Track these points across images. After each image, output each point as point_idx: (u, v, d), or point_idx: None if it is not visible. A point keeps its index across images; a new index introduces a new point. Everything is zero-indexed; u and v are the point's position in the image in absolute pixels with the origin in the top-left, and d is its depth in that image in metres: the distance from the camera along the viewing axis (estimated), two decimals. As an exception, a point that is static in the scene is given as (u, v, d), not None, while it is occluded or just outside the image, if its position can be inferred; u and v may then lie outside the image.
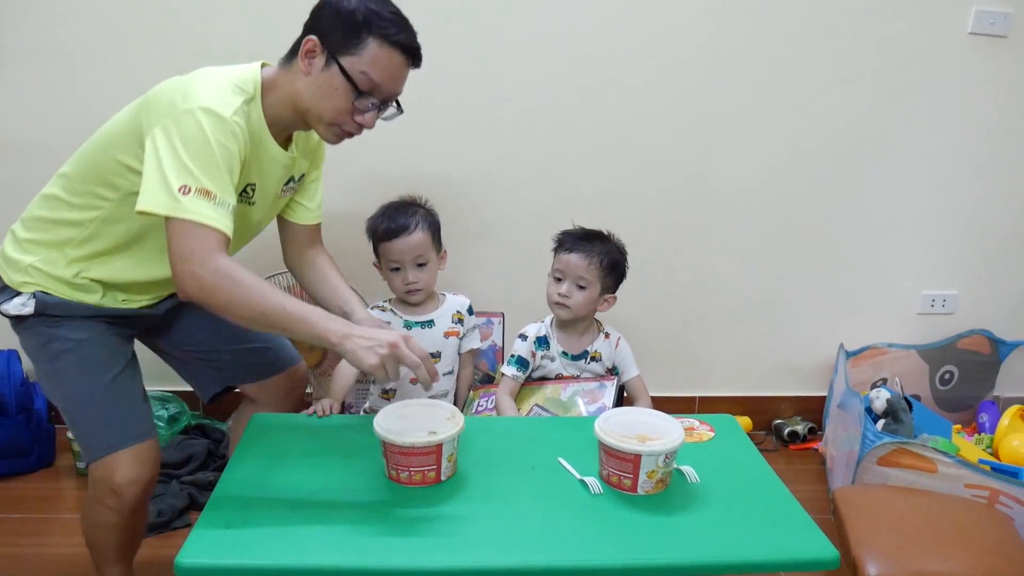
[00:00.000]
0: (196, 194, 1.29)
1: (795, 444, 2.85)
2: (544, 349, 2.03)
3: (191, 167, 1.30)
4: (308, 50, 1.45)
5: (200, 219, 1.29)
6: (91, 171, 1.51)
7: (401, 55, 1.47)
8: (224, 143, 1.34)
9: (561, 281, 1.97)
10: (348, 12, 1.42)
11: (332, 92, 1.45)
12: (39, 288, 1.52)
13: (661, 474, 1.34)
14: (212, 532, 1.20)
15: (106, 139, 1.51)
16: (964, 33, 2.58)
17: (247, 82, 1.46)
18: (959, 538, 1.71)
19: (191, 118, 1.33)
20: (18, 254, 1.55)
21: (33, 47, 2.38)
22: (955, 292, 2.90)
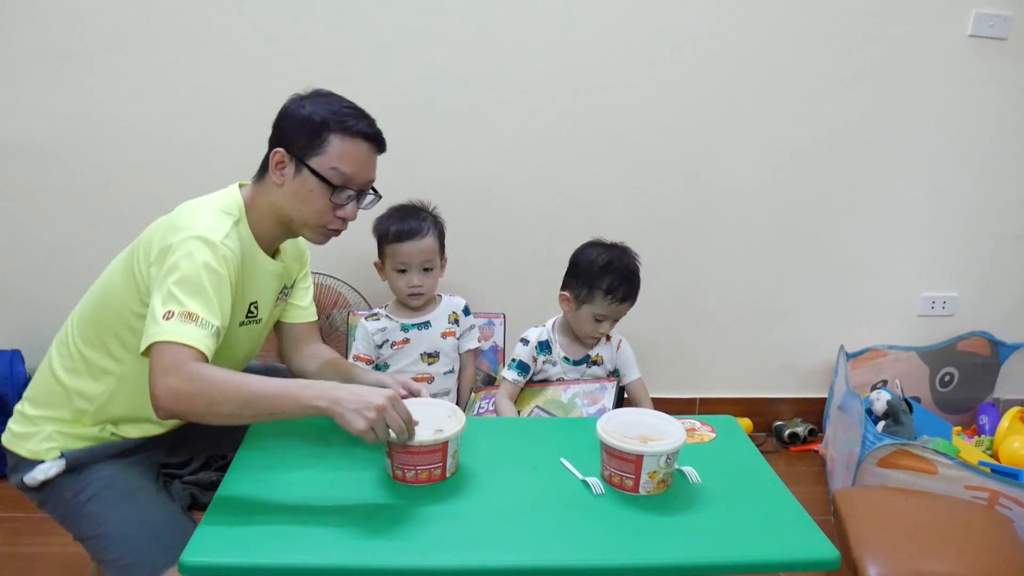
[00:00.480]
0: (179, 317, 1.28)
1: (795, 446, 2.86)
2: (546, 354, 2.03)
3: (176, 293, 1.30)
4: (277, 162, 1.48)
5: (178, 339, 1.27)
6: (97, 331, 1.48)
7: (364, 143, 1.50)
8: (213, 267, 1.34)
9: (603, 322, 1.97)
10: (306, 117, 1.46)
11: (309, 195, 1.48)
12: (63, 448, 1.48)
13: (663, 475, 1.34)
14: (216, 531, 1.21)
15: (104, 294, 1.50)
16: (964, 35, 2.59)
17: (231, 206, 1.48)
18: (959, 539, 1.71)
19: (182, 248, 1.34)
20: (32, 427, 1.50)
21: (36, 49, 2.39)
22: (955, 294, 2.91)
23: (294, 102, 1.51)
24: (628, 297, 1.94)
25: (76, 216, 2.54)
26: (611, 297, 1.93)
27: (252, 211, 1.51)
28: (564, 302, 2.00)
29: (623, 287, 1.93)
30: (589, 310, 1.95)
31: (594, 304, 1.94)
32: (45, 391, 1.52)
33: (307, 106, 1.48)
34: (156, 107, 2.47)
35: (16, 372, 2.46)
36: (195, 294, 1.31)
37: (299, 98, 1.51)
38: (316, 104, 1.48)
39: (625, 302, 1.94)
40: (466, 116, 2.55)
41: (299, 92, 1.53)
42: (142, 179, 2.53)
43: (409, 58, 2.48)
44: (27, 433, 1.50)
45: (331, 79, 2.44)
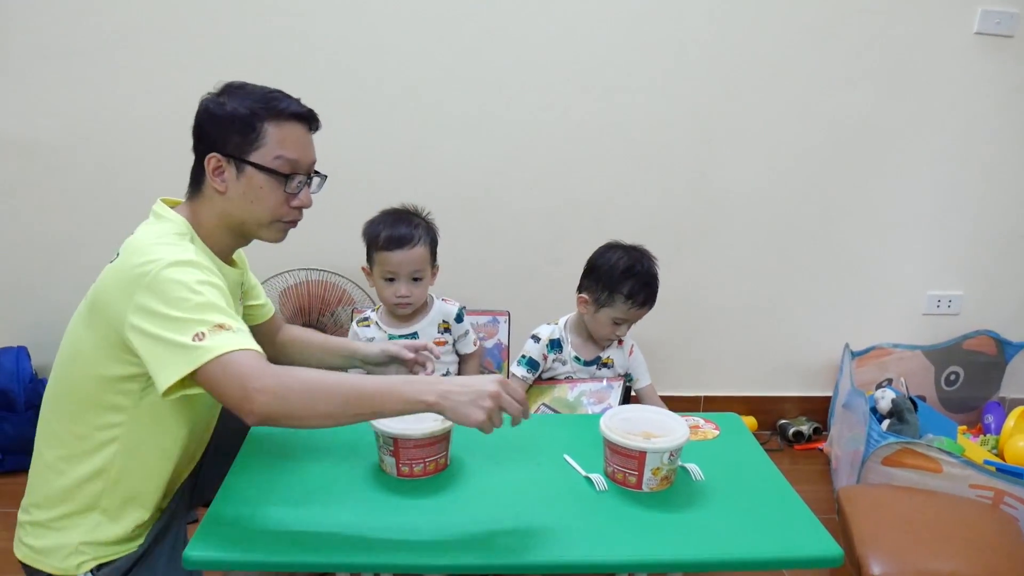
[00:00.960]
0: (212, 332, 1.18)
1: (800, 444, 2.85)
2: (556, 352, 2.02)
3: (190, 317, 1.19)
4: (214, 168, 1.37)
5: (231, 348, 1.17)
6: (79, 407, 1.33)
7: (299, 123, 1.41)
8: (206, 280, 1.25)
9: (621, 325, 1.96)
10: (232, 113, 1.36)
11: (259, 192, 1.38)
12: (97, 561, 1.34)
13: (666, 471, 1.34)
14: (220, 526, 1.21)
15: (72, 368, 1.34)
16: (970, 33, 2.59)
17: (178, 224, 1.37)
18: (963, 538, 1.71)
19: (162, 279, 1.21)
20: (55, 538, 1.34)
21: (40, 47, 2.40)
22: (961, 293, 2.90)
23: (211, 102, 1.40)
24: (648, 302, 1.94)
25: (82, 213, 2.55)
26: (631, 302, 1.92)
27: (199, 227, 1.40)
28: (582, 304, 1.98)
29: (643, 292, 1.92)
30: (608, 313, 1.94)
31: (614, 308, 1.93)
32: (49, 490, 1.35)
33: (227, 102, 1.38)
34: (162, 104, 2.47)
35: (22, 368, 2.47)
36: (209, 309, 1.21)
37: (214, 97, 1.41)
38: (236, 98, 1.38)
39: (645, 306, 1.94)
40: (471, 115, 2.55)
41: (209, 92, 1.43)
42: (148, 176, 2.53)
43: (414, 58, 2.49)
44: (52, 548, 1.33)
45: (335, 78, 2.47)
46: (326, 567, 1.19)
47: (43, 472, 1.36)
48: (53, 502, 1.35)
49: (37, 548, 1.34)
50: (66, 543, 1.33)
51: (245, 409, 1.16)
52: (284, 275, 2.51)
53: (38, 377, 2.54)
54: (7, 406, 2.43)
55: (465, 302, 2.53)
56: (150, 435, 1.35)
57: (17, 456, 2.44)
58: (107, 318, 1.26)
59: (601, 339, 2.00)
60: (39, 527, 1.35)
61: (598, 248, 2.02)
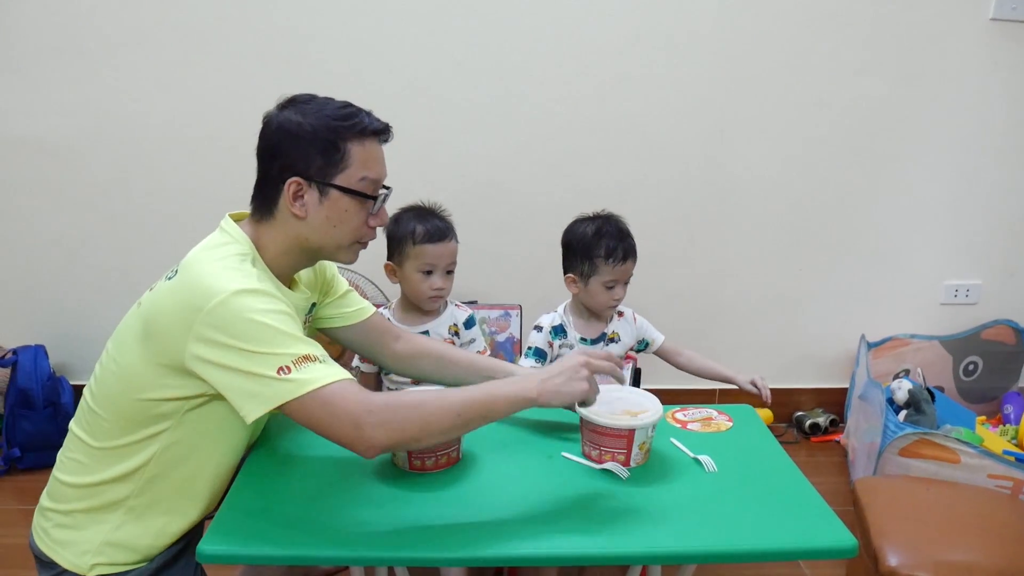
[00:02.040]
0: (298, 364, 1.15)
1: (817, 436, 2.83)
2: (561, 338, 2.02)
3: (269, 351, 1.15)
4: (295, 193, 1.29)
5: (327, 380, 1.15)
6: (121, 417, 1.29)
7: (376, 140, 1.35)
8: (277, 309, 1.20)
9: (614, 288, 1.95)
10: (312, 134, 1.28)
11: (344, 216, 1.32)
12: (116, 569, 1.31)
13: (648, 444, 1.41)
14: (233, 521, 1.22)
15: (122, 384, 1.29)
16: (986, 19, 2.55)
17: (242, 244, 1.31)
18: (982, 528, 1.69)
19: (230, 310, 1.16)
20: (75, 533, 1.32)
21: (54, 47, 2.42)
22: (978, 282, 2.87)
23: (286, 120, 1.30)
24: (628, 255, 1.94)
25: (96, 212, 2.57)
26: (612, 259, 1.92)
27: (263, 250, 1.34)
28: (571, 284, 2.01)
29: (620, 246, 1.93)
30: (597, 281, 1.95)
31: (600, 273, 1.94)
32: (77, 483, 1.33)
33: (303, 120, 1.29)
34: (174, 103, 2.49)
35: (40, 367, 2.49)
36: (288, 340, 1.17)
37: (282, 113, 1.32)
38: (311, 115, 1.29)
39: (627, 260, 1.93)
40: (481, 108, 2.55)
41: (271, 110, 1.34)
42: (161, 175, 2.56)
43: (423, 51, 2.49)
44: (68, 541, 1.32)
45: (344, 73, 2.47)
46: (339, 560, 1.20)
47: (72, 466, 1.34)
48: (80, 496, 1.32)
49: (55, 538, 1.33)
50: (86, 540, 1.31)
51: (361, 446, 1.16)
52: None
53: (56, 375, 2.57)
54: (26, 404, 2.45)
55: (477, 297, 2.54)
56: (188, 445, 1.31)
57: (36, 453, 2.46)
58: (164, 344, 1.22)
59: (602, 309, 2.00)
60: (62, 516, 1.33)
61: (565, 228, 2.04)
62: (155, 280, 1.31)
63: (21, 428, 2.45)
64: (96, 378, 1.33)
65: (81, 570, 1.31)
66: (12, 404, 2.46)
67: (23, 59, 2.42)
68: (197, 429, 1.30)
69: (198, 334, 1.17)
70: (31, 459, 2.46)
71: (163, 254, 2.59)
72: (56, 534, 1.33)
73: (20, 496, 2.36)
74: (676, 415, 1.62)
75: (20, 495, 2.36)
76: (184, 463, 1.32)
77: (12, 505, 2.32)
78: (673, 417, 1.61)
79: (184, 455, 1.31)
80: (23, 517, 2.26)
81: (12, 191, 2.55)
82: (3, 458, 2.47)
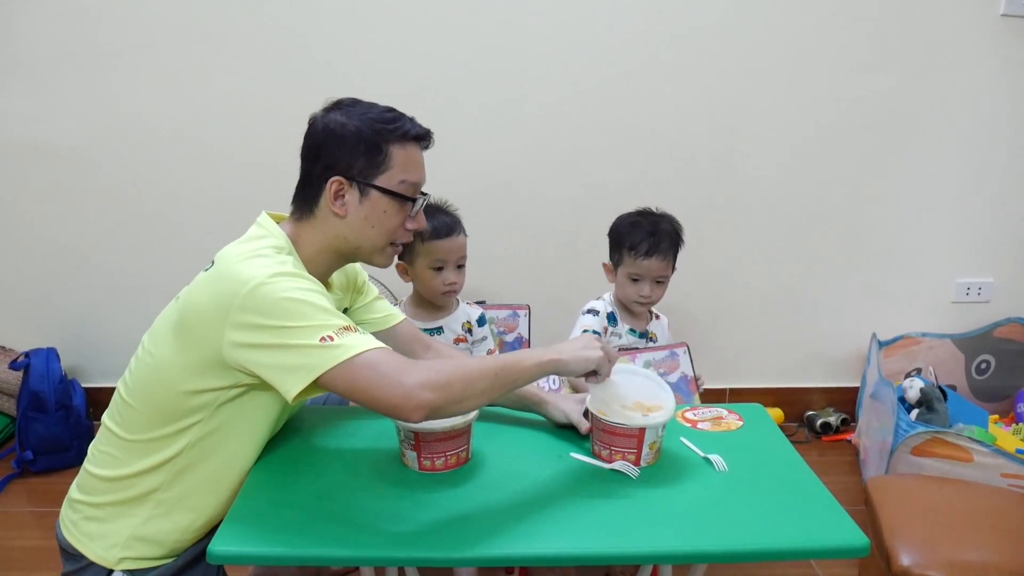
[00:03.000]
0: (340, 334, 1.17)
1: (828, 435, 2.82)
2: (613, 325, 2.04)
3: (310, 324, 1.17)
4: (336, 192, 1.33)
5: (369, 346, 1.17)
6: (154, 411, 1.31)
7: (417, 145, 1.39)
8: (312, 288, 1.22)
9: (639, 282, 1.96)
10: (355, 135, 1.32)
11: (382, 217, 1.35)
12: (142, 564, 1.33)
13: (659, 443, 1.39)
14: (243, 521, 1.22)
15: (156, 376, 1.30)
16: (997, 15, 2.54)
17: (277, 238, 1.34)
18: (995, 528, 1.68)
19: (263, 295, 1.18)
20: (104, 526, 1.34)
21: (65, 52, 2.43)
22: (991, 280, 2.85)
23: (331, 122, 1.33)
24: (653, 252, 1.93)
25: (107, 216, 2.59)
26: (635, 252, 1.94)
27: (301, 249, 1.36)
28: (607, 272, 2.05)
29: (647, 240, 1.93)
30: (623, 272, 1.98)
31: (625, 264, 1.97)
32: (106, 476, 1.34)
33: (347, 121, 1.32)
34: (184, 106, 2.50)
35: (52, 369, 2.51)
36: (327, 313, 1.19)
37: (328, 115, 1.35)
38: (356, 117, 1.33)
39: (652, 256, 1.92)
40: (490, 108, 2.55)
41: (317, 112, 1.37)
42: (171, 178, 2.57)
43: (431, 53, 2.49)
44: (96, 533, 1.33)
45: (354, 74, 2.48)
46: (349, 561, 1.20)
47: (103, 459, 1.35)
48: (110, 489, 1.34)
49: (84, 530, 1.34)
50: (114, 533, 1.33)
51: (410, 406, 1.15)
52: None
53: (67, 378, 2.58)
54: (38, 407, 2.46)
55: (485, 296, 2.54)
56: (219, 438, 1.32)
57: (48, 456, 2.48)
58: (201, 334, 1.23)
59: (630, 303, 2.00)
60: (91, 508, 1.35)
61: None
62: (165, 284, 1.31)
63: (33, 431, 2.46)
64: (131, 371, 1.36)
65: (108, 563, 1.33)
66: (24, 407, 2.47)
67: (34, 63, 2.44)
68: (229, 422, 1.31)
69: (235, 321, 1.19)
70: (43, 462, 2.47)
71: (174, 258, 2.62)
72: (85, 527, 1.35)
73: (33, 498, 2.37)
74: (686, 414, 1.61)
75: (33, 497, 2.38)
76: (214, 456, 1.33)
77: (25, 507, 2.33)
78: (683, 416, 1.60)
79: (214, 448, 1.33)
80: (36, 519, 2.27)
81: (24, 195, 2.57)
82: (16, 461, 2.48)
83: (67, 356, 2.64)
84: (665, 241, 1.95)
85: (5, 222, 2.60)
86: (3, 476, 2.45)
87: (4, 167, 2.54)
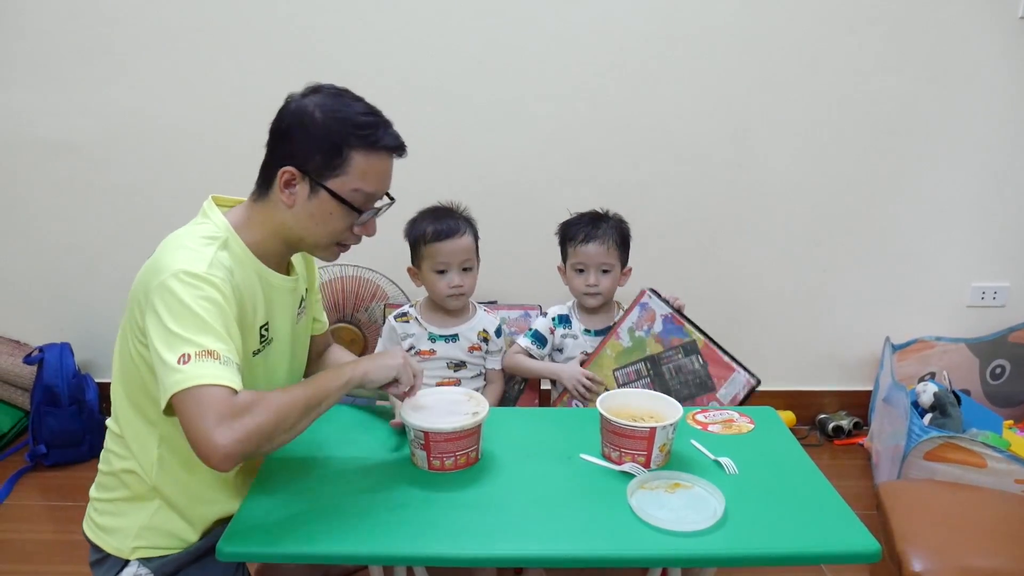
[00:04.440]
0: (197, 358, 1.14)
1: (840, 439, 2.81)
2: (565, 327, 2.05)
3: (183, 335, 1.15)
4: (286, 182, 1.30)
5: (208, 380, 1.12)
6: (127, 405, 1.35)
7: (388, 156, 1.34)
8: (208, 297, 1.20)
9: (584, 272, 1.99)
10: (320, 131, 1.28)
11: (328, 218, 1.32)
12: (156, 552, 1.35)
13: (668, 446, 1.40)
14: (253, 520, 1.23)
15: (119, 366, 1.35)
16: (1015, 18, 2.51)
17: (217, 227, 1.33)
18: (1008, 534, 1.66)
19: (167, 288, 1.19)
20: (118, 519, 1.37)
21: (80, 50, 2.45)
22: (1007, 284, 2.82)
23: (300, 108, 1.30)
24: (591, 237, 1.96)
25: (121, 212, 2.60)
26: (574, 241, 1.98)
27: (249, 229, 1.35)
28: (561, 273, 2.07)
29: (585, 228, 1.97)
30: (569, 265, 2.01)
31: (569, 255, 2.00)
32: (112, 470, 1.38)
33: (318, 114, 1.29)
34: (198, 104, 2.51)
35: (66, 364, 2.53)
36: (202, 330, 1.17)
37: (302, 100, 1.32)
38: (328, 112, 1.29)
39: (590, 242, 1.96)
40: (503, 109, 2.55)
41: (296, 92, 1.34)
42: (185, 175, 2.58)
43: (444, 52, 2.49)
44: (112, 527, 1.37)
45: (367, 73, 2.48)
46: (358, 560, 1.20)
47: (106, 455, 1.40)
48: (115, 484, 1.38)
49: (100, 524, 1.38)
50: (127, 525, 1.36)
51: (215, 460, 1.11)
52: (319, 271, 2.53)
53: (81, 373, 2.60)
54: (51, 401, 2.49)
55: (497, 296, 2.54)
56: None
57: (61, 450, 2.50)
58: (133, 316, 1.27)
59: (579, 296, 2.02)
60: (105, 504, 1.39)
61: None
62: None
63: (47, 425, 2.48)
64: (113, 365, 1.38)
65: (123, 554, 1.35)
66: (38, 401, 2.49)
67: (49, 60, 2.46)
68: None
69: (150, 304, 1.20)
70: (56, 455, 2.49)
71: (186, 253, 2.62)
72: (100, 521, 1.39)
73: (45, 492, 2.39)
74: (697, 416, 1.61)
75: (45, 491, 2.40)
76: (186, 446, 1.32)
77: (37, 501, 2.35)
78: (694, 419, 1.59)
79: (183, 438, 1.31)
80: (48, 512, 2.29)
81: (39, 191, 2.59)
82: (29, 454, 2.51)
83: (81, 351, 2.66)
84: (603, 228, 1.98)
85: (20, 218, 2.62)
86: (17, 470, 2.47)
87: (20, 164, 2.56)
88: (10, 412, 2.64)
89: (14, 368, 2.59)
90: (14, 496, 2.36)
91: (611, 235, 1.98)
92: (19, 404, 2.65)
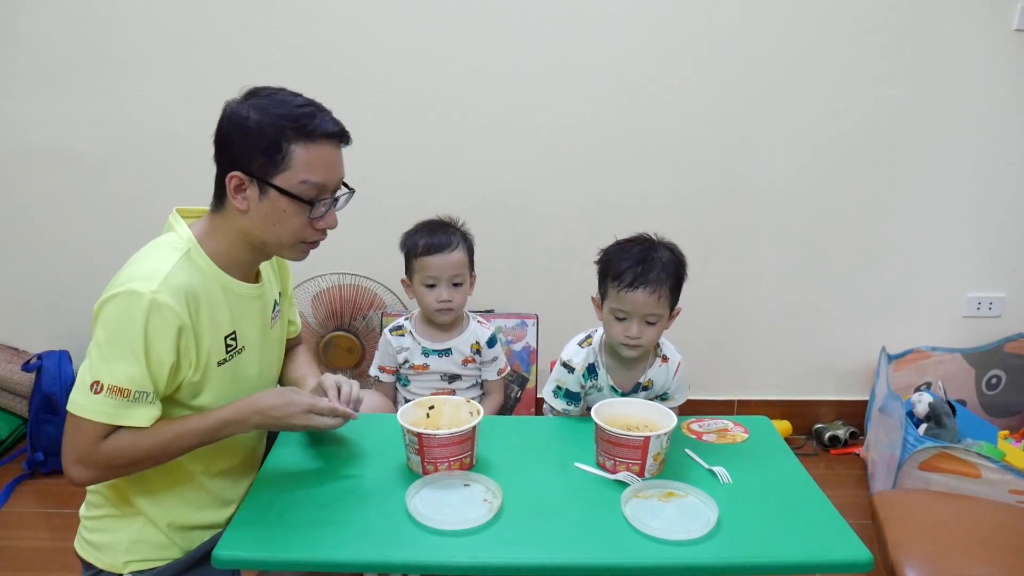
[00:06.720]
0: (108, 393, 1.21)
1: (836, 448, 2.81)
2: (592, 379, 1.74)
3: (109, 358, 1.21)
4: (235, 187, 1.30)
5: (94, 418, 1.22)
6: None
7: (328, 143, 1.32)
8: (143, 320, 1.21)
9: (625, 320, 1.62)
10: (256, 130, 1.27)
11: (281, 216, 1.31)
12: (147, 565, 1.37)
13: (663, 455, 1.40)
14: (249, 526, 1.24)
15: None
16: (1010, 29, 2.53)
17: (180, 239, 1.34)
18: (1002, 545, 1.66)
19: (108, 306, 1.23)
20: (107, 535, 1.39)
21: (81, 57, 2.46)
22: (1002, 295, 2.83)
23: (234, 113, 1.30)
24: (640, 282, 1.57)
25: (119, 221, 2.61)
26: (619, 283, 1.59)
27: (213, 240, 1.35)
28: (595, 307, 1.72)
29: (632, 269, 1.58)
30: (608, 307, 1.64)
31: (609, 297, 1.63)
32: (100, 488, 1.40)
33: (252, 114, 1.28)
34: (198, 114, 2.50)
35: (64, 372, 2.53)
36: (127, 357, 1.21)
37: (238, 105, 1.31)
38: (262, 111, 1.28)
39: (638, 288, 1.57)
40: (500, 118, 2.56)
41: (234, 98, 1.34)
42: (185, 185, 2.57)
43: (444, 63, 2.50)
44: (102, 543, 1.38)
45: (367, 85, 2.49)
46: (353, 566, 1.20)
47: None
48: (100, 501, 1.40)
49: (91, 541, 1.40)
50: (117, 541, 1.37)
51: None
52: (316, 279, 2.54)
53: (79, 380, 2.60)
54: (50, 409, 2.49)
55: (494, 305, 2.54)
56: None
57: (59, 458, 2.46)
58: None
59: (616, 344, 1.66)
60: (94, 521, 1.40)
61: None
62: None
63: (45, 432, 2.48)
64: None
65: (116, 569, 1.37)
66: (36, 409, 2.50)
67: (50, 69, 2.47)
68: None
69: (97, 314, 1.26)
70: (54, 463, 2.49)
71: (185, 261, 2.63)
72: (91, 538, 1.40)
73: (42, 499, 2.39)
74: (691, 426, 1.61)
75: (42, 498, 2.40)
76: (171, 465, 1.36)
77: (34, 508, 2.35)
78: (688, 428, 1.60)
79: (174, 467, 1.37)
80: (45, 520, 2.29)
81: (38, 199, 2.60)
82: (27, 462, 2.51)
83: (79, 359, 2.64)
84: (657, 270, 1.59)
85: (19, 226, 2.63)
86: (14, 477, 2.47)
87: (19, 171, 2.57)
88: (8, 419, 2.65)
89: (12, 375, 2.59)
90: (11, 503, 2.36)
91: (664, 281, 1.59)
92: (17, 411, 2.65)
